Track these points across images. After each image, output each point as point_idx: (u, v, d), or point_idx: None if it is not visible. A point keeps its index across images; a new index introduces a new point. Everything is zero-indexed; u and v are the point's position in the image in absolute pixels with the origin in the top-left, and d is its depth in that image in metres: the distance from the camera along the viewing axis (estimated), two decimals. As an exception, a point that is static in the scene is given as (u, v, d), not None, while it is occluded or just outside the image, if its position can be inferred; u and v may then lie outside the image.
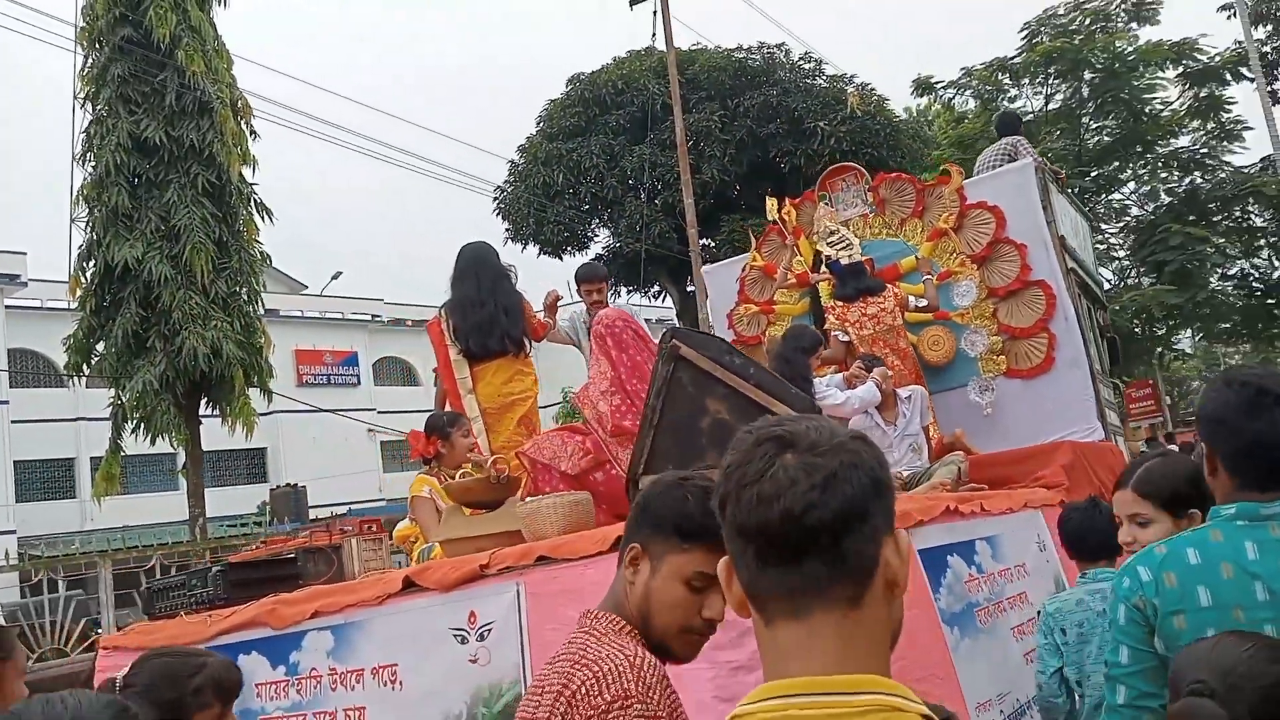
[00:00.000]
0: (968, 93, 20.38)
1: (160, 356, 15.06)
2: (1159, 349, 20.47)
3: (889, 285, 5.39)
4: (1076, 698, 2.88)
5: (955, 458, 4.64)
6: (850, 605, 0.90)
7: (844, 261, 5.38)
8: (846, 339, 5.22)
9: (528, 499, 3.50)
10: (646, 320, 31.25)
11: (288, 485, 19.60)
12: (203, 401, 15.82)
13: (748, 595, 0.96)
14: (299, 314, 30.21)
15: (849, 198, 5.99)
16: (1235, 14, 17.27)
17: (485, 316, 4.56)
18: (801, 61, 20.66)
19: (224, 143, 15.44)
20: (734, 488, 0.95)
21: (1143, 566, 1.70)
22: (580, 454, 3.78)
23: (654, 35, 17.86)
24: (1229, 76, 18.40)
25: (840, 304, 5.39)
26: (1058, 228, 5.43)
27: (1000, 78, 19.70)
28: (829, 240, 5.53)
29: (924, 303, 5.30)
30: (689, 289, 18.29)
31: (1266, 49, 20.19)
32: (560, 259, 21.60)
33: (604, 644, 1.50)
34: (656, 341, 3.83)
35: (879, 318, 5.23)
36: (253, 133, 16.31)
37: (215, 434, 16.55)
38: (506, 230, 21.21)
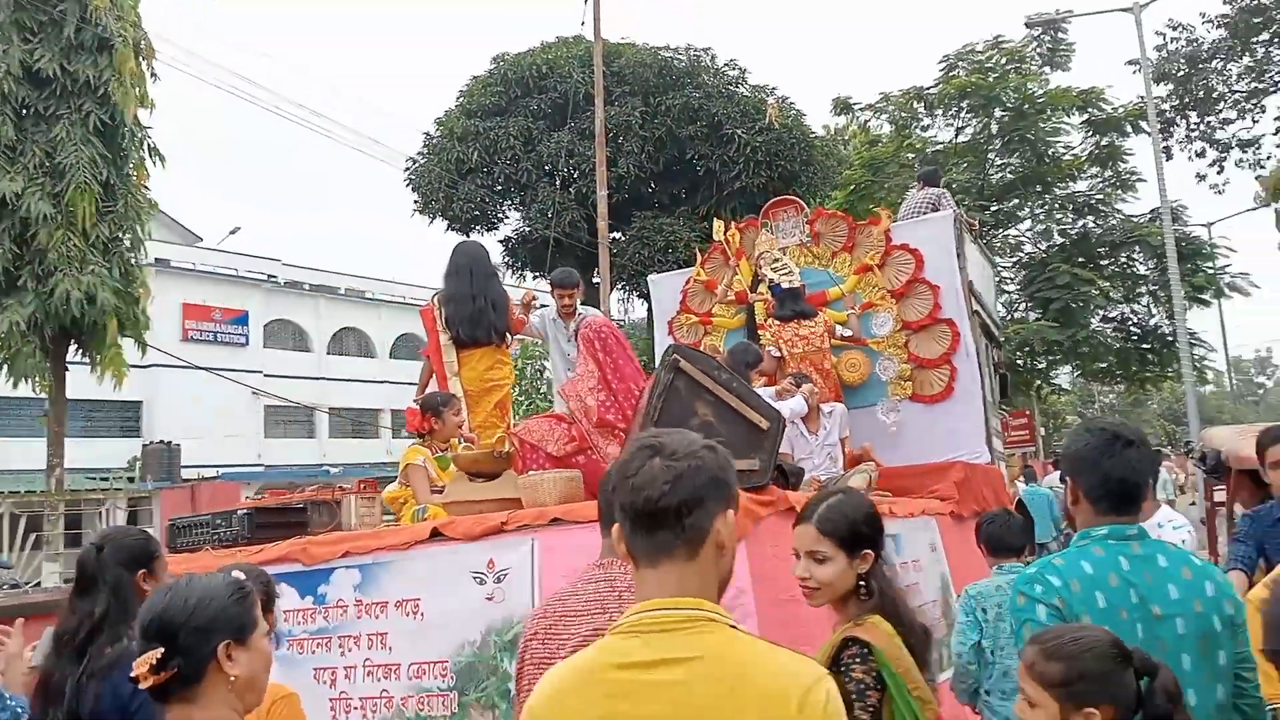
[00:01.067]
0: (883, 117, 21.99)
1: (31, 297, 14.89)
2: (1038, 382, 22.53)
3: (820, 312, 6.49)
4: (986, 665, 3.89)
5: (868, 466, 5.70)
6: (688, 559, 1.45)
7: (784, 285, 6.45)
8: (779, 355, 6.31)
9: (530, 472, 4.35)
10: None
11: (160, 442, 19.43)
12: (72, 348, 15.70)
13: (627, 551, 1.50)
14: (191, 266, 29.74)
15: (789, 227, 7.09)
16: (1140, 69, 19.28)
17: (476, 309, 5.44)
18: (726, 67, 21.82)
19: (121, 82, 15.21)
20: (619, 479, 1.51)
21: (1052, 575, 2.10)
22: (566, 439, 4.63)
23: (582, 24, 18.59)
24: (1129, 128, 20.31)
25: (777, 323, 6.49)
26: (967, 274, 6.64)
27: (915, 106, 21.34)
28: (772, 265, 6.57)
29: (849, 332, 6.44)
30: (595, 280, 19.08)
31: (1165, 106, 22.54)
32: (468, 235, 22.12)
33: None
34: (631, 346, 4.77)
35: (809, 339, 6.34)
36: (153, 74, 16.18)
37: (88, 383, 16.43)
38: (415, 203, 21.60)
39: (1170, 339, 19.21)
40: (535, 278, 22.60)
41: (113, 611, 2.42)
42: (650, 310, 21.63)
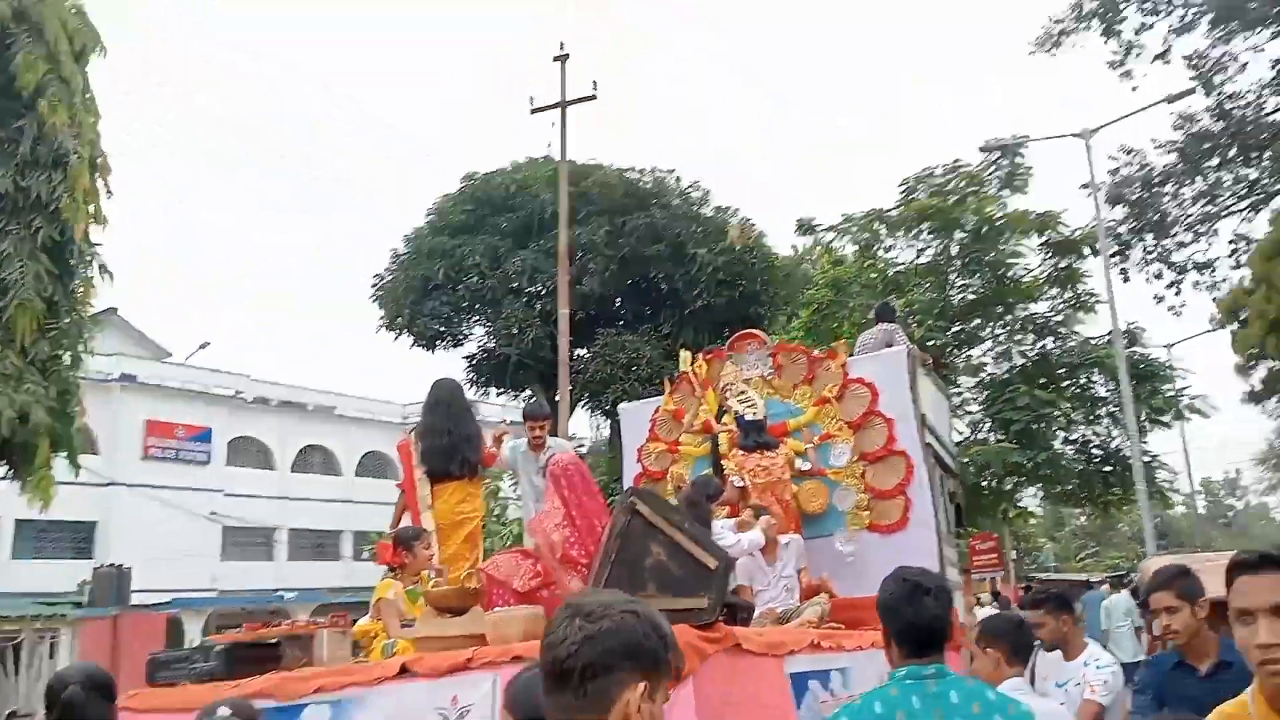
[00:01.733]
0: (846, 238, 23.02)
1: (-38, 414, 14.78)
2: (1004, 505, 22.95)
3: (782, 443, 6.94)
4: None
5: (821, 599, 6.07)
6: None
7: (748, 417, 6.93)
8: (741, 484, 6.72)
9: (496, 608, 4.67)
10: (514, 422, 32.01)
11: (111, 565, 19.19)
12: (2, 468, 15.54)
13: (547, 712, 1.49)
14: (158, 382, 29.88)
15: (753, 360, 7.62)
16: (1090, 193, 20.32)
17: (450, 444, 5.84)
18: (690, 189, 22.96)
19: (73, 198, 15.21)
20: (544, 639, 1.51)
21: (844, 715, 2.48)
22: (531, 575, 4.98)
23: (549, 145, 19.56)
24: (1087, 250, 21.11)
25: (741, 453, 6.93)
26: (921, 407, 7.16)
27: (877, 227, 22.34)
28: (738, 397, 7.07)
29: (808, 465, 6.88)
30: (558, 398, 19.47)
31: (1122, 229, 23.79)
32: (432, 351, 22.62)
33: None
34: (596, 483, 5.17)
35: (770, 470, 6.77)
36: (109, 191, 16.38)
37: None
38: (381, 319, 22.14)
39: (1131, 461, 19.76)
40: (500, 394, 23.06)
41: None
42: (614, 429, 21.98)
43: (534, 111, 18.86)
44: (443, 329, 22.22)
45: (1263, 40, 21.13)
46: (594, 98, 18.39)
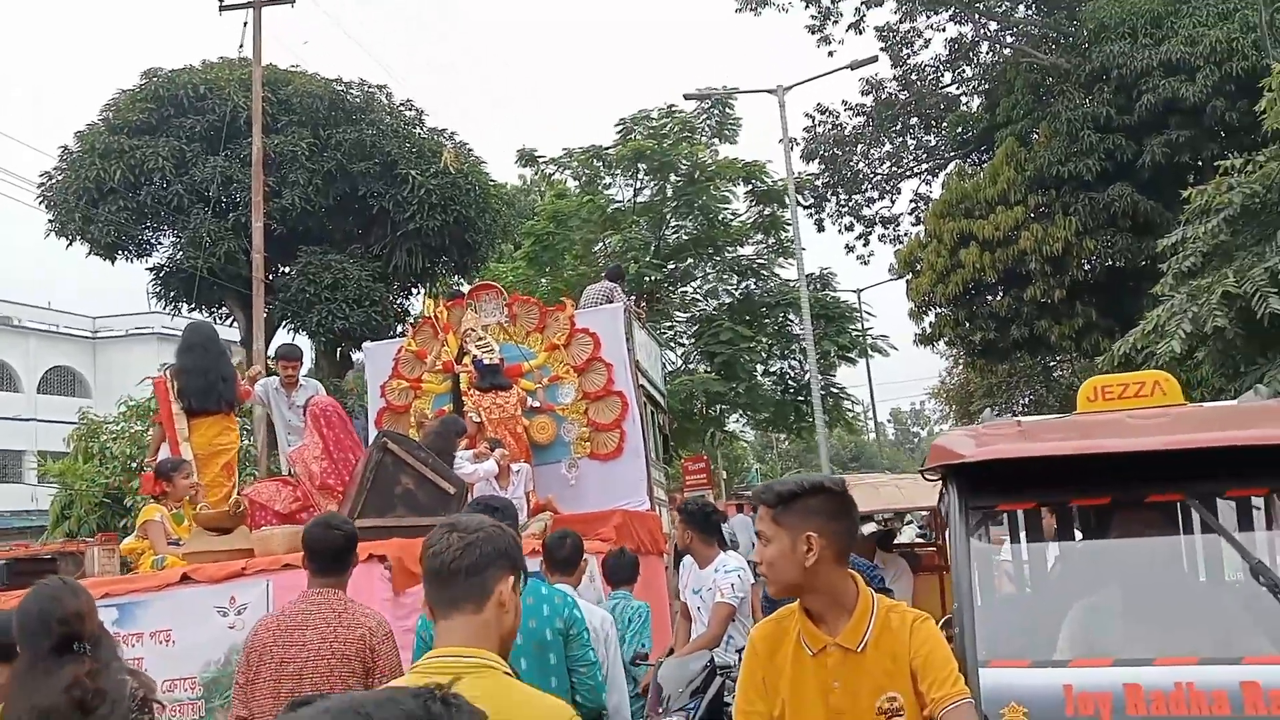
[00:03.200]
0: (567, 172, 24.48)
1: None
2: (711, 429, 25.85)
3: (514, 384, 8.25)
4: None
5: (545, 516, 7.48)
6: (474, 613, 1.97)
7: (485, 361, 8.15)
8: (479, 420, 7.95)
9: (262, 528, 5.62)
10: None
11: None
12: None
13: (430, 607, 2.03)
14: None
15: (490, 309, 8.85)
16: (789, 147, 22.87)
17: (208, 383, 6.67)
18: (402, 107, 23.13)
19: None
20: (427, 549, 2.04)
21: None
22: (292, 499, 6.00)
23: (240, 46, 18.82)
24: (787, 200, 23.99)
25: (478, 393, 8.15)
26: (635, 354, 8.72)
27: (596, 164, 23.99)
28: (476, 343, 8.25)
29: (538, 402, 8.26)
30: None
31: (818, 183, 27.03)
32: (112, 262, 21.54)
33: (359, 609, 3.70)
34: (350, 422, 6.25)
35: (504, 407, 8.10)
36: None
37: None
38: (50, 223, 20.79)
39: (821, 393, 22.92)
40: (192, 310, 22.37)
41: None
42: (319, 351, 22.03)
43: (224, 9, 18.37)
44: (122, 237, 21.08)
45: (942, 20, 24.69)
46: (292, 1, 18.27)
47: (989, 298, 23.93)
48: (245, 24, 18.42)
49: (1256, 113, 14.18)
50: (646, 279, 22.30)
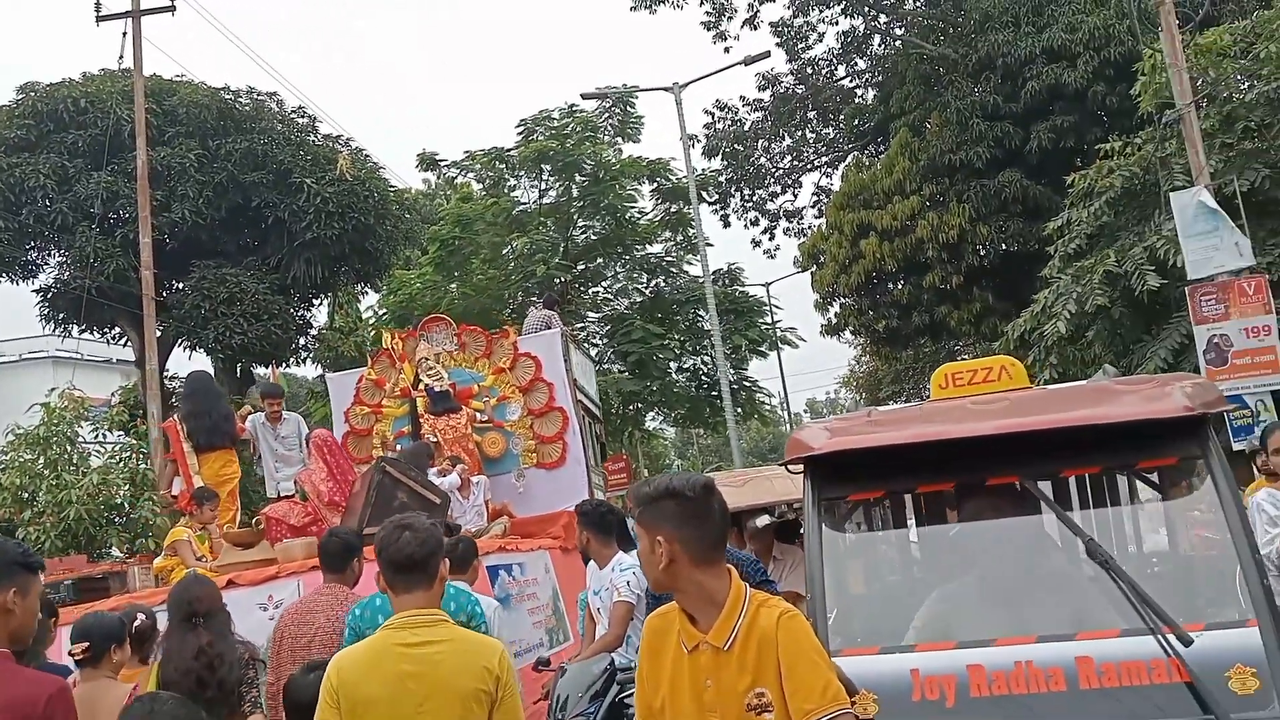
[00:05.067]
0: (470, 175, 25.85)
1: None
2: (630, 428, 27.54)
3: (464, 407, 10.08)
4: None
5: (504, 520, 9.28)
6: (428, 588, 3.30)
7: (436, 388, 9.92)
8: (435, 440, 9.76)
9: (283, 540, 7.24)
10: (107, 361, 31.51)
11: None
12: None
13: (390, 587, 3.35)
14: None
15: (441, 338, 10.65)
16: (689, 144, 24.33)
17: (211, 423, 8.54)
18: (294, 115, 23.96)
19: None
20: (383, 543, 3.34)
21: (359, 608, 5.06)
22: (303, 514, 7.61)
23: (120, 58, 19.31)
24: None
25: (432, 417, 9.99)
26: (573, 373, 10.61)
27: (500, 167, 25.43)
28: (428, 372, 9.99)
29: (487, 418, 10.03)
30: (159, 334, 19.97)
31: (722, 179, 28.92)
32: (-6, 284, 22.03)
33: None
34: (344, 451, 7.97)
35: (456, 428, 9.98)
36: None
37: None
38: (-75, 249, 21.18)
39: (734, 387, 24.48)
40: (82, 332, 23.01)
41: None
42: (219, 367, 22.65)
43: (101, 19, 18.99)
44: (5, 259, 21.62)
45: (834, 14, 26.83)
46: (172, 9, 18.93)
47: (890, 286, 26.01)
48: (125, 34, 19.06)
49: (1133, 96, 15.63)
50: (556, 280, 23.73)
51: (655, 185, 25.99)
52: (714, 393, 25.55)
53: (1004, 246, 24.02)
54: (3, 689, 2.97)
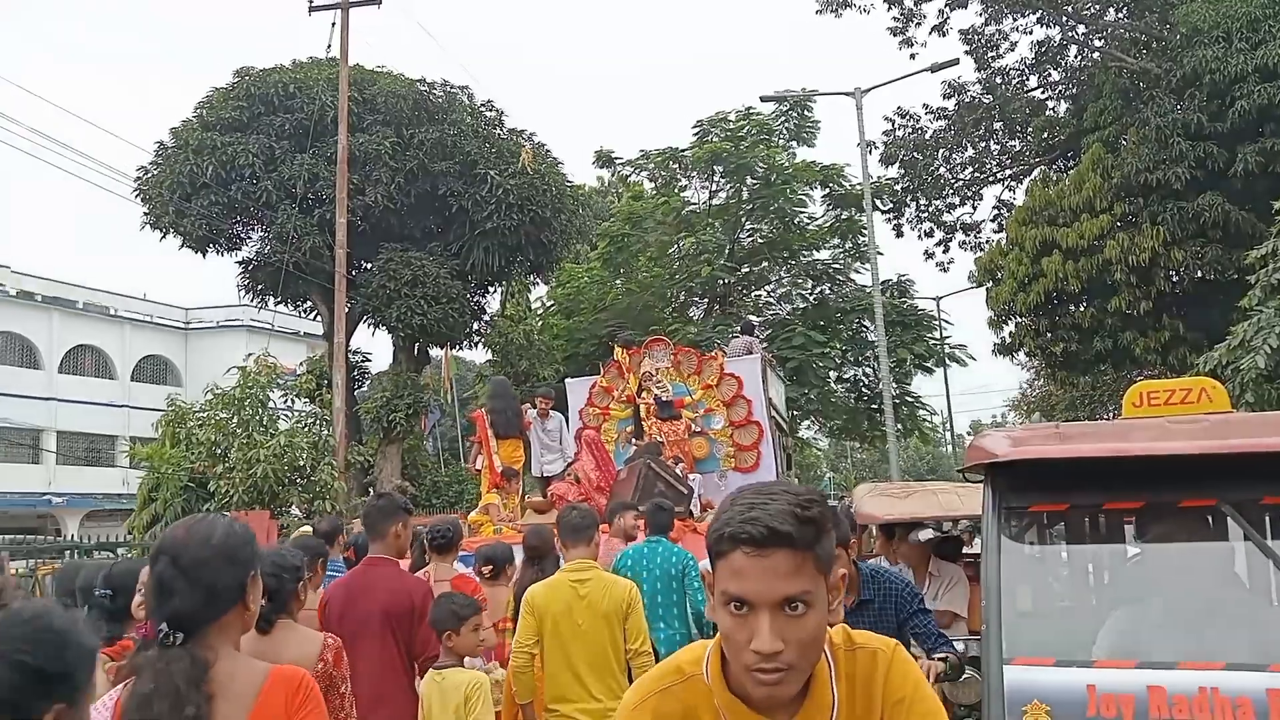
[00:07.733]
0: (643, 174, 28.14)
1: None
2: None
3: (681, 414, 12.79)
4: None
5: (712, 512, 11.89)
6: (586, 545, 6.02)
7: (663, 398, 12.68)
8: (661, 440, 12.66)
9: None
10: (295, 333, 36.16)
11: None
12: None
13: (563, 541, 6.18)
14: None
15: (660, 355, 13.77)
16: (867, 150, 25.40)
17: (507, 419, 12.06)
18: (483, 108, 26.79)
19: None
20: (561, 517, 6.33)
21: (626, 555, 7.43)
22: (577, 494, 10.54)
23: (329, 47, 22.39)
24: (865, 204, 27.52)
25: (659, 421, 12.88)
26: (768, 393, 13.41)
27: (673, 166, 27.64)
28: (655, 383, 12.73)
29: (697, 428, 12.81)
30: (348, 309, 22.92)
31: (898, 188, 30.37)
32: (203, 255, 25.44)
33: None
34: (604, 448, 10.84)
35: (676, 432, 12.74)
36: None
37: None
38: (145, 216, 24.72)
39: (896, 402, 25.43)
40: (278, 304, 26.34)
41: None
42: (398, 344, 25.48)
43: (313, 10, 21.90)
44: (213, 231, 24.92)
45: (1028, 23, 28.11)
46: (379, 1, 21.69)
47: (1071, 308, 26.49)
48: (333, 24, 22.12)
49: (1353, 121, 15.09)
50: (720, 282, 25.78)
51: (827, 191, 27.66)
52: (874, 405, 26.83)
53: (1199, 273, 24.07)
54: (395, 584, 5.38)
